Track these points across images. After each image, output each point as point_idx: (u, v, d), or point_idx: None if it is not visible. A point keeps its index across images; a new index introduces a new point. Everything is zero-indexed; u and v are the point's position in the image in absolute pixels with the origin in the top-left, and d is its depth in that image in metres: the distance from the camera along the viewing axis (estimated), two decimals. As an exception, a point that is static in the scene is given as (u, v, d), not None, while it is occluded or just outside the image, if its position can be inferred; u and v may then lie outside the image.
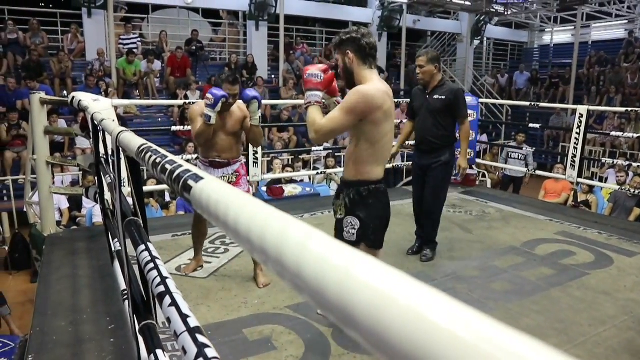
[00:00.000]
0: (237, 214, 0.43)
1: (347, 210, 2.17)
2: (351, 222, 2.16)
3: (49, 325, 2.32)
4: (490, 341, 0.23)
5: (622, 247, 3.67)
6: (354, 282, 0.28)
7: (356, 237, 2.16)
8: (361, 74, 2.09)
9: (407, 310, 0.25)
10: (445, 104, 3.30)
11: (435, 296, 0.26)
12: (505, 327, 0.24)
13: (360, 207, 2.15)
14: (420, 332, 0.23)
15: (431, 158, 3.36)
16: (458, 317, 0.25)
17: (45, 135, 3.71)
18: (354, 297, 0.27)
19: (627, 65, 11.34)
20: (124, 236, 1.37)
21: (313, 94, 2.05)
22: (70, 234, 3.90)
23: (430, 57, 3.27)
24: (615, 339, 2.36)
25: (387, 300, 0.26)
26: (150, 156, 0.85)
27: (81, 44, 9.51)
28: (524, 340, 0.24)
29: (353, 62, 2.09)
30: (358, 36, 2.08)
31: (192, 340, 0.63)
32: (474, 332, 0.24)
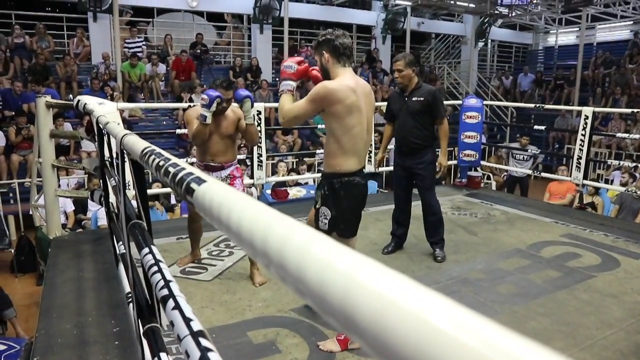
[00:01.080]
0: (239, 217, 0.43)
1: (322, 200, 2.32)
2: (324, 212, 2.32)
3: (54, 328, 2.33)
4: (496, 348, 0.23)
5: (628, 249, 3.64)
6: (358, 287, 0.27)
7: (328, 226, 2.31)
8: (335, 72, 2.23)
9: (412, 315, 0.24)
10: (424, 105, 3.37)
11: (441, 301, 0.26)
12: (512, 334, 0.24)
13: (331, 198, 2.30)
14: (425, 338, 0.23)
15: (415, 159, 3.43)
16: (464, 323, 0.24)
17: (50, 139, 3.73)
18: (357, 302, 0.26)
19: (632, 67, 11.27)
20: (128, 239, 1.37)
21: (286, 83, 2.27)
22: (76, 237, 3.91)
23: (407, 61, 3.36)
24: (623, 342, 2.33)
25: (391, 305, 0.25)
26: (154, 159, 0.85)
27: (87, 48, 9.57)
28: (531, 347, 0.23)
29: (328, 61, 2.24)
30: (332, 37, 2.23)
31: (195, 344, 0.62)
32: (480, 339, 0.23)
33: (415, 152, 3.43)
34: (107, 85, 8.42)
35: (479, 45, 14.01)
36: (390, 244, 3.60)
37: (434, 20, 13.69)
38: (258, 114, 4.55)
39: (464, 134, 5.51)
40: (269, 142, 8.34)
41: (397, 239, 3.60)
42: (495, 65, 15.41)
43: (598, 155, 9.18)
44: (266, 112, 5.67)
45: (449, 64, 13.91)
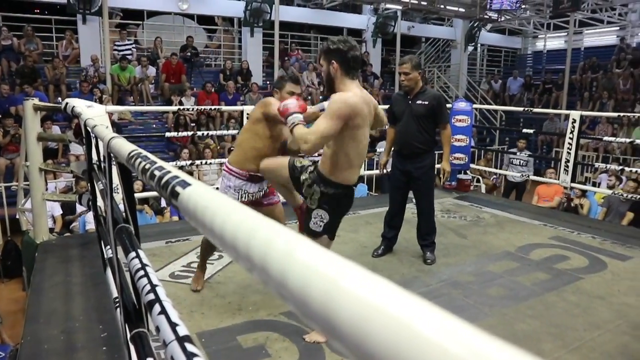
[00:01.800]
0: (223, 220, 0.43)
1: (319, 203, 2.31)
2: (321, 215, 2.32)
3: (40, 334, 2.30)
4: (480, 355, 0.22)
5: (615, 252, 3.68)
6: (340, 292, 0.27)
7: (322, 229, 2.35)
8: (342, 83, 2.22)
9: (393, 320, 0.24)
10: (429, 109, 3.36)
11: (423, 307, 0.26)
12: (496, 340, 0.24)
13: (332, 205, 2.33)
14: (406, 343, 0.23)
15: (415, 163, 3.42)
16: (446, 329, 0.24)
17: (38, 142, 3.69)
18: (338, 307, 0.26)
19: (619, 71, 11.43)
20: (115, 243, 1.36)
21: (295, 117, 2.17)
22: (63, 241, 3.87)
23: (414, 63, 3.34)
24: (611, 343, 2.35)
25: (373, 310, 0.25)
26: (140, 162, 0.84)
27: (76, 50, 9.49)
28: (516, 354, 0.23)
29: (337, 72, 2.21)
30: (345, 49, 2.19)
31: (181, 349, 0.62)
32: (463, 345, 0.23)
33: (416, 156, 3.41)
34: (96, 88, 8.36)
35: (468, 49, 14.12)
36: (380, 246, 3.60)
37: (424, 24, 13.79)
38: (248, 116, 4.54)
39: (454, 137, 5.53)
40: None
41: (387, 242, 3.60)
42: (484, 69, 15.55)
43: (585, 158, 9.28)
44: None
45: (439, 67, 14.01)
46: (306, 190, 2.35)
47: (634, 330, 2.48)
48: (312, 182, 2.33)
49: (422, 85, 3.41)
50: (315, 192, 2.32)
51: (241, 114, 4.65)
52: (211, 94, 9.15)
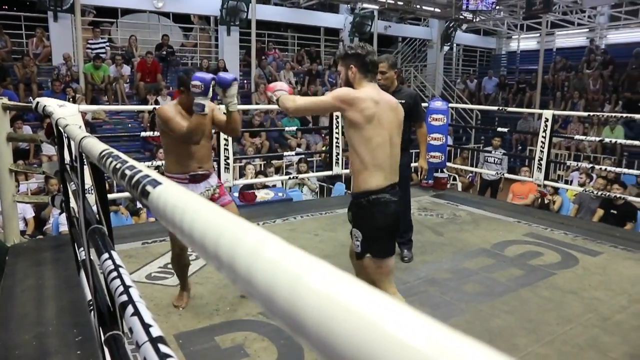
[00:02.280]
0: (192, 219, 0.42)
1: (353, 222, 2.22)
2: (355, 234, 2.20)
3: (11, 340, 2.24)
4: (445, 350, 0.23)
5: (586, 247, 3.78)
6: (305, 289, 0.27)
7: (360, 248, 2.18)
8: (360, 86, 2.18)
9: (357, 317, 0.24)
10: (405, 108, 3.34)
11: (389, 304, 0.26)
12: (460, 335, 0.24)
13: (361, 218, 2.18)
14: (370, 339, 0.23)
15: None
16: (412, 326, 0.24)
17: (8, 142, 3.59)
18: (303, 304, 0.26)
19: (589, 72, 11.73)
20: (88, 245, 1.33)
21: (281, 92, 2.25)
22: (36, 244, 3.78)
23: (391, 63, 3.33)
24: (582, 336, 2.42)
25: (338, 307, 0.25)
26: (111, 162, 0.83)
27: (47, 48, 9.26)
28: (477, 347, 0.23)
29: (355, 76, 2.18)
30: (363, 53, 2.16)
31: (154, 350, 0.61)
32: (427, 340, 0.23)
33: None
34: (69, 87, 8.18)
35: (444, 49, 14.29)
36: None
37: (401, 24, 13.90)
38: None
39: (430, 136, 5.59)
40: (236, 145, 8.27)
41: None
42: (460, 69, 15.76)
43: (558, 156, 9.50)
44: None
45: (415, 67, 14.15)
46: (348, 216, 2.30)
47: (603, 323, 2.56)
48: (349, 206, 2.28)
49: (397, 84, 3.42)
50: (349, 215, 2.27)
51: (218, 114, 4.60)
52: (188, 93, 9.05)
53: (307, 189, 6.51)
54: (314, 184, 6.63)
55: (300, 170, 6.57)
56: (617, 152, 9.33)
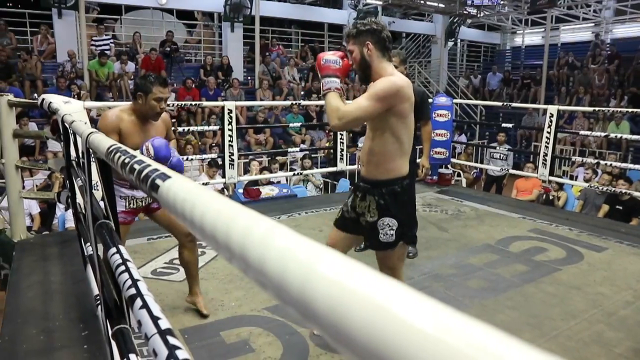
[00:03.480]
0: (203, 211, 0.43)
1: (380, 211, 2.03)
2: (388, 223, 2.03)
3: (19, 334, 2.26)
4: (454, 333, 0.23)
5: (591, 243, 3.77)
6: (317, 276, 0.27)
7: (395, 236, 2.03)
8: (381, 66, 1.98)
9: (369, 303, 0.25)
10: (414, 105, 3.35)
11: (399, 289, 0.27)
12: (469, 319, 0.25)
13: (396, 206, 2.03)
14: (382, 325, 0.23)
15: None
16: (421, 310, 0.25)
17: (14, 139, 3.61)
18: (315, 291, 0.27)
19: (594, 67, 11.66)
20: (95, 239, 1.34)
21: (332, 80, 1.95)
22: (42, 240, 3.80)
23: (402, 58, 3.30)
24: (586, 332, 2.42)
25: (349, 293, 0.26)
26: (119, 156, 0.83)
27: (51, 45, 9.28)
28: (487, 331, 0.24)
29: (372, 54, 1.97)
30: (379, 28, 1.98)
31: (163, 342, 0.62)
32: (438, 325, 0.24)
33: None
34: (74, 84, 8.20)
35: (448, 45, 14.24)
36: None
37: (405, 19, 13.85)
38: (229, 112, 4.52)
39: (435, 132, 5.59)
40: (240, 141, 8.28)
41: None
42: (464, 65, 15.70)
43: (563, 152, 9.46)
44: (238, 110, 5.63)
45: (419, 63, 14.10)
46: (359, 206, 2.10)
47: (607, 319, 2.55)
48: (363, 194, 2.09)
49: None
50: (370, 201, 2.05)
51: (222, 110, 4.62)
52: (192, 90, 9.06)
53: (312, 185, 6.52)
54: (318, 180, 6.63)
55: (304, 166, 6.58)
56: (623, 148, 9.29)
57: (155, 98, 2.34)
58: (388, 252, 2.07)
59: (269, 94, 9.88)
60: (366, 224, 2.07)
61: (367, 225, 2.07)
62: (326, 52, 2.09)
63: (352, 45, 1.99)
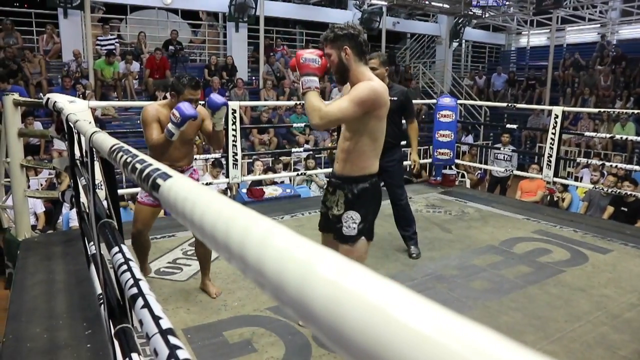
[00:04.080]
0: (203, 211, 0.43)
1: (347, 205, 2.14)
2: (352, 216, 2.14)
3: (23, 332, 2.27)
4: (452, 335, 0.23)
5: (596, 245, 3.75)
6: (314, 277, 0.27)
7: (357, 231, 2.13)
8: (358, 70, 2.06)
9: (367, 304, 0.24)
10: (397, 104, 3.40)
11: (397, 290, 0.26)
12: (468, 321, 0.24)
13: (362, 201, 2.14)
14: (379, 326, 0.23)
15: (385, 157, 3.41)
16: (420, 312, 0.24)
17: (19, 138, 3.63)
18: (313, 292, 0.27)
19: (600, 68, 11.60)
20: (98, 239, 1.34)
21: (311, 79, 2.00)
22: (46, 238, 3.82)
23: (382, 60, 3.36)
24: (590, 334, 2.41)
25: (346, 294, 0.25)
26: (122, 156, 0.83)
27: (57, 45, 9.33)
28: (485, 334, 0.23)
29: (350, 58, 2.04)
30: (356, 32, 2.04)
31: (164, 342, 0.62)
32: (436, 327, 0.23)
33: (386, 150, 3.40)
34: (79, 84, 8.24)
35: (453, 45, 14.20)
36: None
37: (409, 20, 13.82)
38: (233, 112, 4.52)
39: (439, 133, 5.59)
40: (244, 141, 8.28)
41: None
42: (469, 65, 15.65)
43: (568, 153, 9.42)
44: (242, 110, 5.63)
45: (423, 63, 14.07)
46: (329, 200, 2.22)
47: (612, 321, 2.54)
48: (334, 189, 2.21)
49: (388, 81, 3.45)
50: (339, 195, 2.17)
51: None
52: (196, 90, 9.07)
53: (315, 185, 6.51)
54: (322, 180, 6.63)
55: (308, 166, 6.58)
56: (628, 149, 9.25)
57: (186, 99, 2.56)
58: (349, 246, 2.14)
59: (273, 94, 9.89)
60: (332, 217, 2.19)
61: (333, 218, 2.19)
62: (304, 50, 2.14)
63: (329, 49, 2.06)
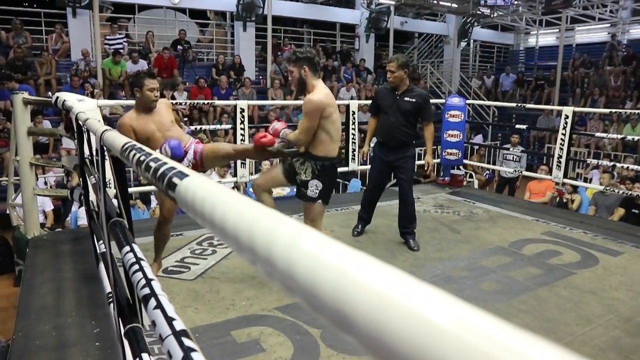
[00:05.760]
0: (223, 211, 0.41)
1: (313, 175, 2.85)
2: (316, 184, 2.86)
3: (32, 330, 2.27)
4: (501, 345, 0.22)
5: (607, 247, 3.71)
6: (351, 283, 0.26)
7: (318, 195, 2.88)
8: (312, 83, 2.80)
9: (409, 311, 0.23)
10: (416, 106, 3.60)
11: (438, 296, 0.25)
12: (513, 328, 0.23)
13: (324, 175, 2.87)
14: (424, 335, 0.22)
15: (398, 154, 3.67)
16: (464, 318, 0.23)
17: (28, 136, 3.64)
18: (351, 299, 0.25)
19: (610, 68, 11.49)
20: (108, 237, 1.34)
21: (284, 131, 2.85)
22: (55, 237, 3.83)
23: (400, 63, 3.55)
24: (602, 337, 2.37)
25: (387, 301, 0.24)
26: (134, 154, 0.82)
27: (66, 44, 9.37)
28: (529, 340, 0.22)
29: (307, 75, 2.77)
30: (311, 56, 2.81)
31: (178, 344, 0.61)
32: (482, 335, 0.22)
33: (400, 148, 3.64)
34: (87, 83, 8.27)
35: (461, 45, 14.13)
36: (358, 225, 3.92)
37: (417, 19, 13.77)
38: (241, 112, 4.52)
39: (447, 133, 5.55)
40: (251, 141, 8.27)
41: (364, 222, 3.92)
42: (477, 65, 15.56)
43: (577, 154, 9.34)
44: (249, 110, 5.64)
45: (431, 63, 14.01)
46: (299, 168, 2.88)
47: (624, 325, 2.51)
48: (303, 160, 2.87)
49: (409, 83, 3.65)
50: (307, 167, 2.86)
51: (234, 109, 4.62)
52: (204, 89, 9.10)
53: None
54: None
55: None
56: (639, 150, 9.15)
57: (148, 89, 2.78)
58: (310, 204, 2.90)
59: (281, 93, 9.88)
60: (300, 181, 2.89)
61: (301, 182, 2.89)
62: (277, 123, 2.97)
63: (292, 67, 2.80)
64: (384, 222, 4.11)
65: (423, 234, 3.94)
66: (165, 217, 2.91)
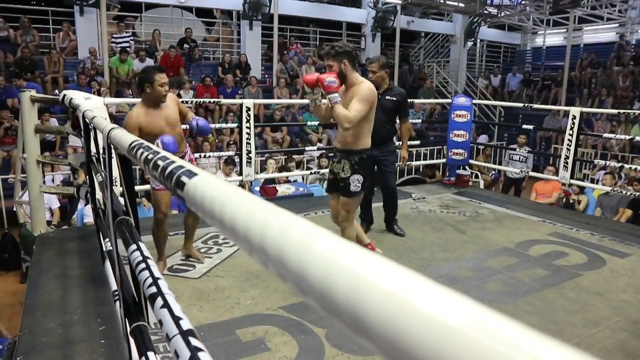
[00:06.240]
0: (234, 211, 0.41)
1: (352, 170, 2.92)
2: (357, 178, 2.93)
3: (38, 327, 2.28)
4: (516, 347, 0.21)
5: (614, 248, 3.68)
6: (365, 284, 0.25)
7: (361, 188, 2.95)
8: (354, 76, 2.86)
9: (425, 314, 0.23)
10: (396, 104, 3.86)
11: (454, 298, 0.24)
12: (529, 330, 0.23)
13: (362, 167, 2.94)
14: (440, 338, 0.21)
15: (381, 149, 3.79)
16: (480, 321, 0.23)
17: (35, 134, 3.66)
18: (365, 301, 0.25)
19: (618, 68, 11.40)
20: (114, 235, 1.34)
21: (335, 96, 2.71)
22: (61, 234, 3.85)
23: (381, 63, 3.82)
24: (609, 340, 2.36)
25: (401, 302, 0.23)
26: (142, 152, 0.82)
27: (73, 42, 9.41)
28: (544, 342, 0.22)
29: (347, 68, 2.81)
30: (350, 49, 2.86)
31: (185, 343, 0.60)
32: (498, 337, 0.22)
33: (382, 143, 3.83)
34: (94, 81, 8.30)
35: (468, 45, 14.06)
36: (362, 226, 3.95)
37: (424, 19, 13.72)
38: (247, 110, 4.52)
39: (453, 133, 5.53)
40: (257, 139, 8.29)
41: (367, 223, 4.03)
42: (484, 65, 15.49)
43: (584, 155, 9.28)
44: (255, 108, 5.64)
45: (438, 62, 13.96)
46: (336, 167, 2.98)
47: (632, 327, 2.48)
48: (339, 159, 2.97)
49: (389, 82, 3.91)
50: (344, 164, 2.94)
51: (240, 108, 4.62)
52: (210, 88, 9.11)
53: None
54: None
55: (321, 165, 6.55)
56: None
57: (159, 84, 2.79)
58: (351, 199, 2.97)
59: (286, 92, 9.88)
60: (340, 180, 2.96)
61: (341, 180, 2.96)
62: (325, 74, 2.76)
63: (331, 61, 2.80)
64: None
65: (429, 234, 3.93)
66: (165, 214, 2.93)
